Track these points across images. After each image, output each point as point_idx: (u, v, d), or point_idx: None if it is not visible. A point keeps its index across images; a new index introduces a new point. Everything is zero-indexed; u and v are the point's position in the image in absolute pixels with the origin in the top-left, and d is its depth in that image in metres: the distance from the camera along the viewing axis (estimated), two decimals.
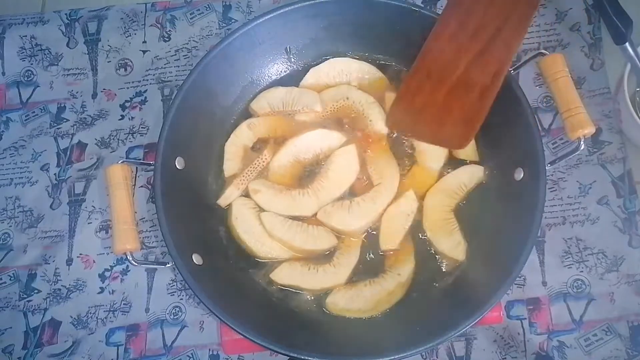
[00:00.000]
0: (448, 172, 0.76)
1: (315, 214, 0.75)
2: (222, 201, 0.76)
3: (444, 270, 0.73)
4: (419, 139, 0.76)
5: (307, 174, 0.78)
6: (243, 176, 0.77)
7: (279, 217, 0.74)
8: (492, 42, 0.68)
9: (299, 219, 0.75)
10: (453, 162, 0.77)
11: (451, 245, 0.73)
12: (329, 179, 0.76)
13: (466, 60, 0.69)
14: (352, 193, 0.76)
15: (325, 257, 0.74)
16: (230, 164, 0.78)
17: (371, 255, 0.74)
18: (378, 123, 0.78)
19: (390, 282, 0.72)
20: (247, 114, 0.82)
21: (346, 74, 0.82)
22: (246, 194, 0.77)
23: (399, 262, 0.73)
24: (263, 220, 0.74)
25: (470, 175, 0.75)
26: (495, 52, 0.68)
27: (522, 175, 0.70)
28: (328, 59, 0.82)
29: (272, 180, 0.77)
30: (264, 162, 0.78)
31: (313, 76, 0.82)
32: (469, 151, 0.77)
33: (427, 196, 0.75)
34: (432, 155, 0.76)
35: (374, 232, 0.74)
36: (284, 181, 0.77)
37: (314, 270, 0.72)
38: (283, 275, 0.72)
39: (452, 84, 0.70)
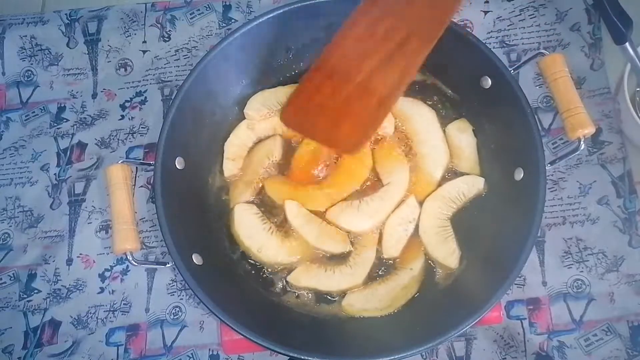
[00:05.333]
0: (448, 180, 0.76)
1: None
2: (235, 202, 0.77)
3: (437, 276, 0.73)
4: (310, 138, 0.73)
5: (324, 168, 0.78)
6: (258, 180, 0.77)
7: (302, 208, 0.74)
8: (399, 49, 0.65)
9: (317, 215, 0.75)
10: (454, 172, 0.77)
11: (445, 253, 0.73)
12: (342, 174, 0.76)
13: (370, 65, 0.66)
14: (361, 193, 0.76)
15: (340, 259, 0.74)
16: (230, 163, 0.78)
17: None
18: (385, 121, 0.78)
19: (403, 277, 0.72)
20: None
21: None
22: (254, 200, 0.77)
23: (410, 258, 0.73)
24: (286, 207, 0.74)
25: (470, 186, 0.75)
26: (400, 61, 0.66)
27: (522, 175, 0.70)
28: None
29: (293, 177, 0.77)
30: (273, 161, 0.78)
31: None
32: (471, 164, 0.77)
33: (425, 202, 0.75)
34: (433, 161, 0.77)
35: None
36: (305, 177, 0.77)
37: (331, 272, 0.72)
38: (300, 278, 0.72)
39: (353, 88, 0.67)
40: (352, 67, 0.66)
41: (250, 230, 0.74)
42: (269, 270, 0.74)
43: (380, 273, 0.73)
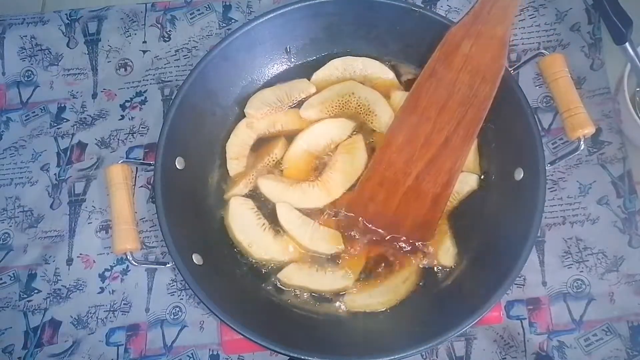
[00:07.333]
0: None
1: (326, 206, 0.75)
2: (228, 194, 0.77)
3: (437, 276, 0.73)
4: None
5: (320, 165, 0.78)
6: (253, 174, 0.77)
7: (294, 210, 0.74)
8: (441, 150, 0.69)
9: (310, 214, 0.75)
10: None
11: (441, 251, 0.73)
12: (338, 170, 0.76)
13: (417, 169, 0.70)
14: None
15: (331, 259, 0.74)
16: (235, 163, 0.79)
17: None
18: (384, 117, 0.78)
19: (402, 270, 0.72)
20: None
21: (350, 72, 0.82)
22: (249, 193, 0.77)
23: None
24: (278, 211, 0.74)
25: (462, 184, 0.75)
26: (446, 161, 0.70)
27: (522, 175, 0.70)
28: (327, 54, 0.83)
29: (288, 175, 0.77)
30: (274, 159, 0.78)
31: (317, 78, 0.82)
32: (470, 164, 0.77)
33: None
34: None
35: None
36: (299, 175, 0.77)
37: (322, 272, 0.72)
38: (291, 276, 0.72)
39: (404, 193, 0.71)
40: (400, 173, 0.70)
41: (243, 224, 0.74)
42: (262, 264, 0.74)
43: (378, 271, 0.73)
